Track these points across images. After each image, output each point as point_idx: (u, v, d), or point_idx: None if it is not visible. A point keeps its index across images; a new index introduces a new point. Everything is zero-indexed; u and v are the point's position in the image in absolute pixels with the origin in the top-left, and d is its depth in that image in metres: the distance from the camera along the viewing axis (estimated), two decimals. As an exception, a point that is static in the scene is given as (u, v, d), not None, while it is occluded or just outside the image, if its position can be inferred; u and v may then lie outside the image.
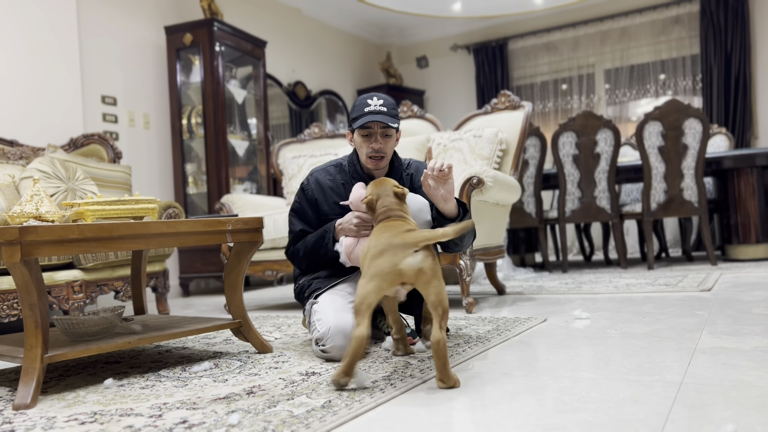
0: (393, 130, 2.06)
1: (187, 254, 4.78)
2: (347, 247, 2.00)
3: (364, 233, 1.99)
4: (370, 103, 2.02)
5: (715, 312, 2.44)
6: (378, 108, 2.02)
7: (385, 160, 2.09)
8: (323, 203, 2.16)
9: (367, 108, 2.02)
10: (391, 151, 2.09)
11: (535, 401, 1.39)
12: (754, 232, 4.50)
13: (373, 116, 2.00)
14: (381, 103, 2.03)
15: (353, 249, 1.99)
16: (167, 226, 1.87)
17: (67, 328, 1.89)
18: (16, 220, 2.00)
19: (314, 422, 1.31)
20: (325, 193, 2.16)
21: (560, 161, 4.62)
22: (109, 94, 4.48)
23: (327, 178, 2.19)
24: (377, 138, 2.04)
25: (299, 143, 4.26)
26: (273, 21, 6.17)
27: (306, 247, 2.14)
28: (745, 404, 1.28)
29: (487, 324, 2.46)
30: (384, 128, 2.04)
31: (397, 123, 2.03)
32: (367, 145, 2.05)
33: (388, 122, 2.00)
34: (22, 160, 3.43)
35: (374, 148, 2.04)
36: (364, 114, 2.02)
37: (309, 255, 2.14)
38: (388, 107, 2.03)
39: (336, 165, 2.22)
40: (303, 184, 2.20)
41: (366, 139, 2.05)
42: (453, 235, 1.61)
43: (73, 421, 1.43)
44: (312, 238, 2.13)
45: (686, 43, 6.41)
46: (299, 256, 2.17)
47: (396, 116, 2.05)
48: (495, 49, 7.22)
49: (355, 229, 2.00)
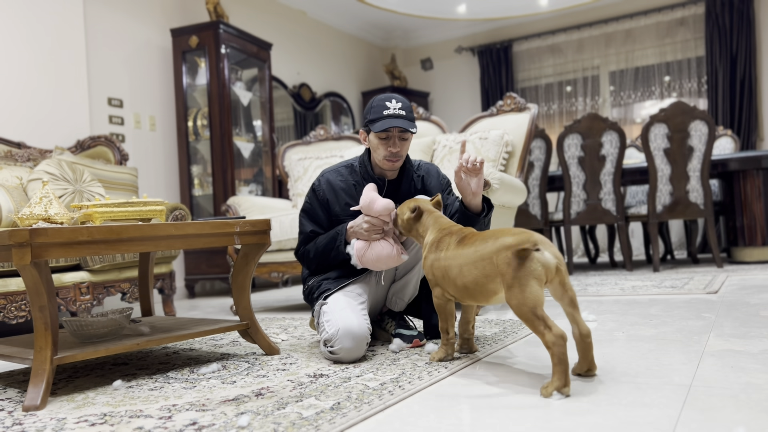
0: (410, 133, 2.08)
1: (192, 256, 4.79)
2: (358, 250, 2.01)
3: (374, 237, 2.00)
4: (389, 106, 2.05)
5: (722, 314, 2.44)
6: (397, 112, 2.04)
7: (400, 161, 2.12)
8: (335, 204, 2.17)
9: (386, 111, 2.04)
10: (406, 152, 2.13)
11: (543, 404, 1.39)
12: (760, 235, 4.48)
13: (394, 121, 2.02)
14: (400, 106, 2.05)
15: (364, 252, 2.00)
16: (176, 228, 1.87)
17: (76, 330, 1.90)
18: (25, 222, 2.01)
19: (324, 424, 1.31)
20: (336, 194, 2.17)
21: (566, 163, 4.61)
22: (116, 96, 4.50)
23: (338, 179, 2.20)
24: (395, 142, 2.06)
25: (305, 145, 4.27)
26: (278, 23, 6.18)
27: (317, 248, 2.14)
28: (755, 407, 1.28)
29: (494, 326, 2.46)
30: (402, 131, 2.06)
31: (415, 128, 2.06)
32: (385, 148, 2.07)
33: (408, 128, 2.03)
34: (30, 162, 3.44)
35: (392, 152, 2.07)
36: (384, 117, 2.04)
37: (320, 256, 2.14)
38: (406, 111, 2.07)
39: (347, 166, 2.23)
40: (314, 185, 2.21)
41: (384, 141, 2.07)
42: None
43: (83, 423, 1.44)
44: (323, 240, 2.13)
45: (691, 45, 6.40)
46: (310, 257, 2.18)
47: (413, 119, 2.08)
48: (499, 51, 7.23)
49: (366, 234, 2.01)
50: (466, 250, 1.70)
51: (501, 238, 1.59)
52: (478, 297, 1.68)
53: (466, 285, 1.68)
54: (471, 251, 1.67)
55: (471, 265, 1.66)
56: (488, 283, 1.62)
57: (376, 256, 1.98)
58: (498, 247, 1.58)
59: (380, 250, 1.98)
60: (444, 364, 1.82)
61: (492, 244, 1.60)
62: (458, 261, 1.71)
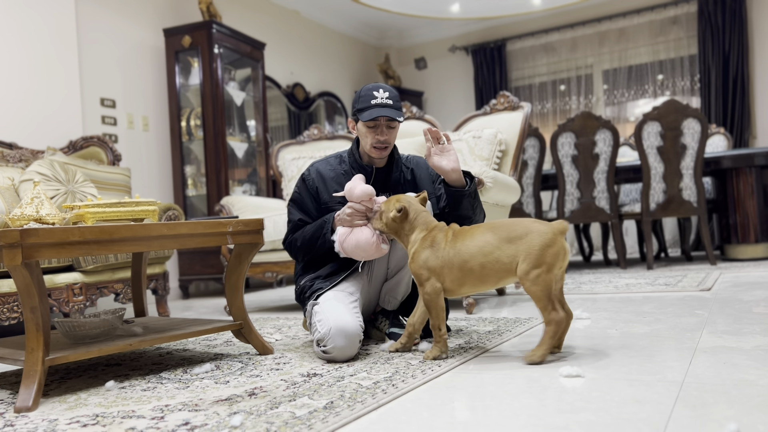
0: (397, 122, 2.13)
1: (186, 256, 4.77)
2: (340, 236, 2.03)
3: (357, 224, 2.02)
4: (376, 96, 2.10)
5: (715, 311, 2.45)
6: (384, 101, 2.10)
7: (388, 149, 2.17)
8: (324, 192, 2.21)
9: (374, 101, 2.10)
10: (393, 140, 2.18)
11: (536, 401, 1.39)
12: (753, 232, 4.50)
13: (381, 110, 2.08)
14: (387, 95, 2.11)
15: (345, 238, 2.02)
16: (168, 228, 1.87)
17: (68, 331, 1.89)
18: (16, 222, 2.00)
19: (317, 423, 1.31)
20: (326, 182, 2.21)
21: (559, 162, 4.62)
22: (108, 96, 4.48)
23: (328, 168, 2.25)
24: (383, 130, 2.12)
25: (299, 145, 4.26)
26: (271, 23, 6.17)
27: (304, 236, 2.17)
28: (747, 403, 1.28)
29: (488, 324, 2.46)
30: (389, 120, 2.11)
31: (402, 116, 2.12)
32: (373, 136, 2.12)
33: (395, 116, 2.09)
34: (22, 162, 3.42)
35: (380, 140, 2.12)
36: (372, 106, 2.10)
37: (307, 245, 2.16)
38: (393, 100, 2.12)
39: (336, 156, 2.29)
40: (304, 175, 2.25)
41: (371, 130, 2.12)
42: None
43: (75, 424, 1.43)
44: (310, 228, 2.16)
45: (684, 44, 6.43)
46: (297, 246, 2.20)
47: (400, 108, 2.14)
48: (493, 50, 7.23)
49: (349, 219, 2.02)
50: (485, 236, 1.81)
51: (531, 224, 1.78)
52: (490, 281, 1.82)
53: (485, 268, 1.80)
54: (491, 237, 1.80)
55: (495, 248, 1.79)
56: (511, 264, 1.77)
57: (356, 241, 1.99)
58: (533, 231, 1.76)
59: (359, 236, 1.99)
60: (437, 363, 1.81)
61: (523, 227, 1.78)
62: (476, 246, 1.81)
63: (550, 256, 1.73)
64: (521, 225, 1.79)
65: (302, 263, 2.25)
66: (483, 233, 1.83)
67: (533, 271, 1.73)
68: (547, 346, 1.73)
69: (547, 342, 1.73)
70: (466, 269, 1.82)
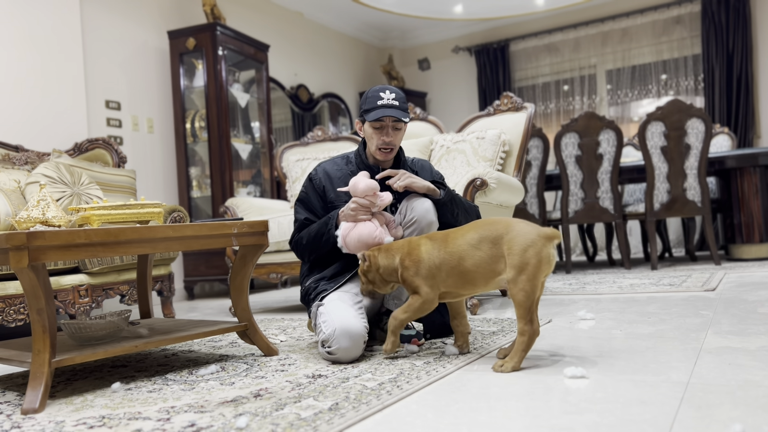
0: (403, 123, 2.15)
1: (191, 258, 4.79)
2: (343, 231, 2.05)
3: (361, 218, 2.03)
4: (383, 96, 2.13)
5: (719, 312, 2.44)
6: (391, 102, 2.13)
7: (393, 152, 2.20)
8: (330, 191, 2.23)
9: (380, 101, 2.13)
10: (399, 142, 2.20)
11: (541, 402, 1.39)
12: (758, 232, 4.49)
13: (386, 110, 2.11)
14: (393, 96, 2.14)
15: (348, 233, 2.03)
16: (173, 230, 1.88)
17: (75, 333, 1.90)
18: (23, 225, 2.01)
19: (322, 425, 1.31)
20: (332, 181, 2.24)
21: (563, 162, 4.62)
22: (113, 98, 4.50)
23: (334, 168, 2.28)
24: (389, 131, 2.15)
25: (303, 146, 4.27)
26: (275, 25, 6.18)
27: (309, 234, 2.18)
28: (753, 404, 1.28)
29: (492, 325, 2.47)
30: (395, 121, 2.13)
31: (408, 117, 2.14)
32: (378, 137, 2.15)
33: (401, 117, 2.11)
34: (27, 165, 3.44)
35: (385, 141, 2.15)
36: (378, 107, 2.12)
37: (312, 242, 2.17)
38: (399, 101, 2.15)
39: (343, 157, 2.32)
40: (311, 174, 2.28)
41: (377, 131, 2.15)
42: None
43: (81, 425, 1.44)
44: (315, 226, 2.18)
45: (688, 43, 6.41)
46: (302, 244, 2.22)
47: (406, 110, 2.16)
48: (496, 50, 7.23)
49: (353, 214, 2.04)
50: (471, 234, 1.81)
51: (517, 224, 1.76)
52: (479, 283, 1.80)
53: (475, 268, 1.78)
54: (474, 236, 1.79)
55: (478, 248, 1.77)
56: (496, 266, 1.75)
57: (358, 235, 2.01)
58: (515, 229, 1.74)
59: (362, 230, 2.01)
60: (442, 364, 1.82)
61: (504, 225, 1.76)
62: (464, 247, 1.80)
63: (533, 256, 1.69)
64: (503, 223, 1.79)
65: (308, 263, 2.26)
66: (466, 231, 1.84)
67: (520, 277, 1.70)
68: (519, 358, 1.70)
69: (520, 354, 1.71)
70: (461, 268, 1.81)
